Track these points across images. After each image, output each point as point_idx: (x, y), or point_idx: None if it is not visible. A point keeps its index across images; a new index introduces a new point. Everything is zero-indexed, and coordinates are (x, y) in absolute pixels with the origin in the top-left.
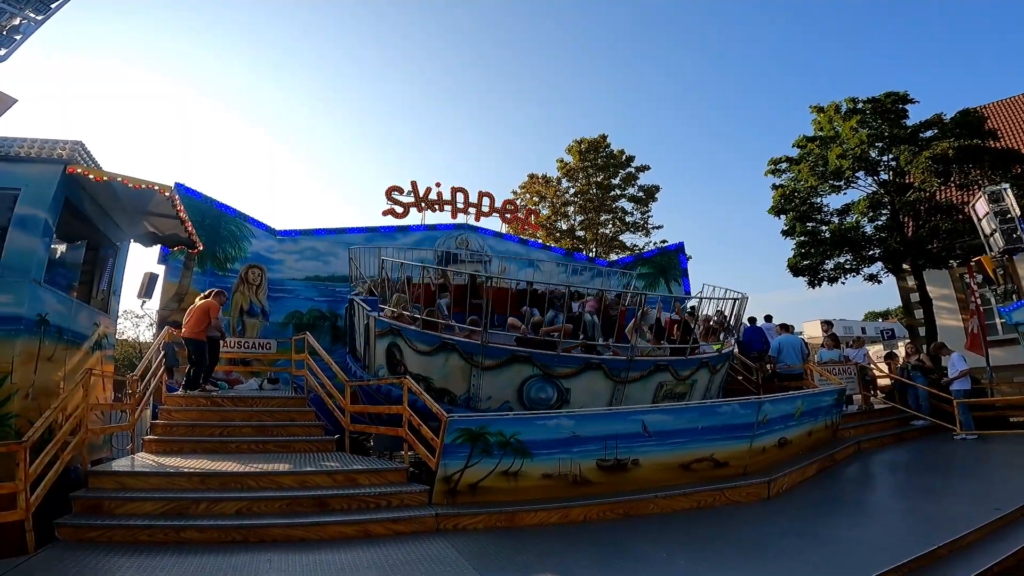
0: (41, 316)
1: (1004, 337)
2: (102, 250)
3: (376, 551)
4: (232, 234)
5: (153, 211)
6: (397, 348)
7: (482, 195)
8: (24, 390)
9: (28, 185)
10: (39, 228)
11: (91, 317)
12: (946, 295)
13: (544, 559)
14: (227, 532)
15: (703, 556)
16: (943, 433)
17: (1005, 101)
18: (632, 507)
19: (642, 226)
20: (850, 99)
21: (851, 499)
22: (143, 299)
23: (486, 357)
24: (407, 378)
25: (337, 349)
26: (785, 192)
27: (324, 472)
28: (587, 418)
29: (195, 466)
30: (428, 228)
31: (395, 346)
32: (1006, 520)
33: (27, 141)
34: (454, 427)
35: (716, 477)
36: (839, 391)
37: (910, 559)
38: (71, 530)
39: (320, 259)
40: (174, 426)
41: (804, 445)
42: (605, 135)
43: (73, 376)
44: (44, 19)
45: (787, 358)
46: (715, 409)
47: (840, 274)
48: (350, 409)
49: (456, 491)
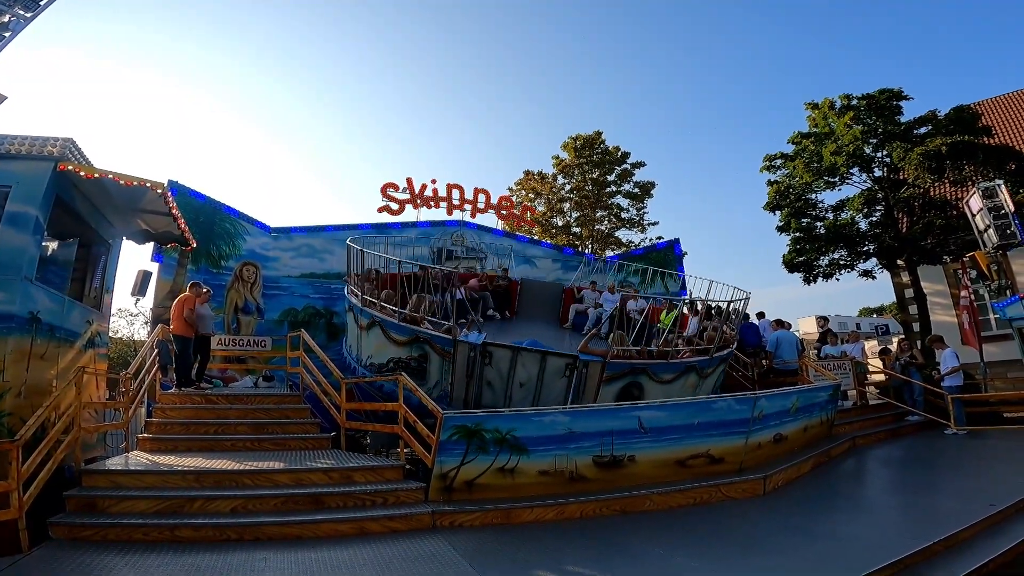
0: (33, 314)
1: (998, 333)
2: (94, 248)
3: (372, 549)
4: (226, 231)
5: (146, 208)
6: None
7: (478, 192)
8: (16, 388)
9: (19, 182)
10: (30, 225)
11: (84, 315)
12: (940, 291)
13: (541, 556)
14: (222, 530)
15: (699, 552)
16: (937, 429)
17: (999, 98)
18: (628, 504)
19: (637, 222)
20: (844, 96)
21: (846, 495)
22: (137, 297)
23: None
24: (403, 375)
25: (332, 346)
26: (780, 188)
27: (320, 470)
28: (583, 414)
29: (190, 464)
30: (425, 224)
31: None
32: (1001, 516)
33: (18, 138)
34: (450, 424)
35: (712, 473)
36: (834, 387)
37: (905, 555)
38: (65, 529)
39: (315, 256)
40: (169, 424)
41: (800, 441)
42: (600, 132)
43: (66, 374)
44: (33, 16)
45: (784, 353)
46: (711, 405)
47: (835, 270)
48: (345, 406)
49: (452, 488)
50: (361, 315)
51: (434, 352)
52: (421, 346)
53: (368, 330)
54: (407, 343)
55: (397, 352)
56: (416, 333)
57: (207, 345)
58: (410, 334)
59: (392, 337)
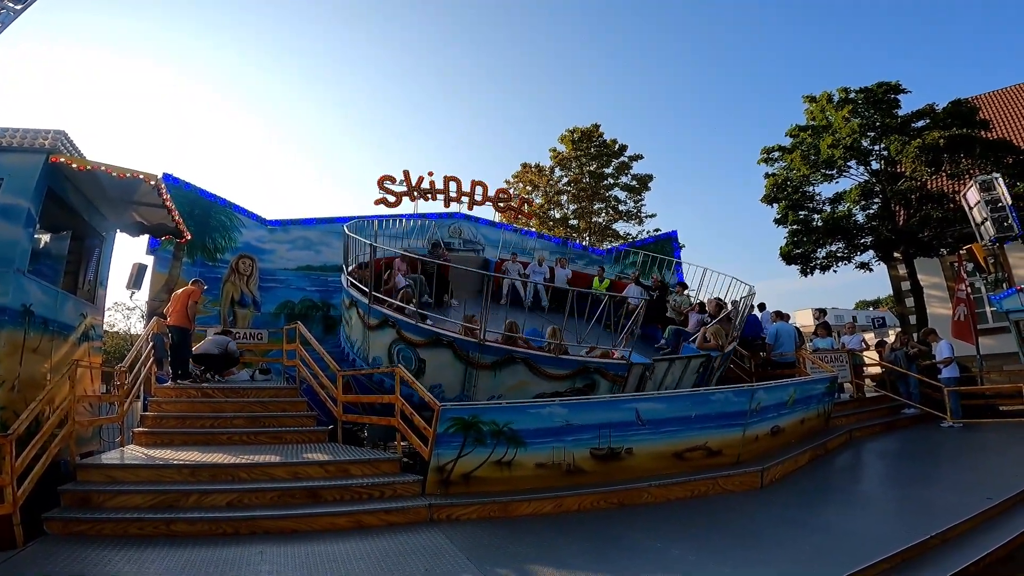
0: (26, 307)
1: (994, 325)
2: (88, 240)
3: (369, 542)
4: (222, 224)
5: (139, 200)
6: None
7: (475, 184)
8: (9, 382)
9: (10, 174)
10: (22, 217)
11: (77, 308)
12: (937, 283)
13: (538, 549)
14: (218, 524)
15: (697, 546)
16: (933, 421)
17: (997, 92)
18: (626, 496)
19: (635, 215)
20: (842, 89)
21: (843, 488)
22: (132, 290)
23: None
24: (400, 367)
25: (329, 339)
26: (777, 181)
27: (316, 463)
28: (580, 406)
29: (185, 458)
30: (421, 217)
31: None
32: (998, 510)
33: (9, 131)
34: (447, 416)
35: (709, 466)
36: (831, 379)
37: (902, 549)
38: (60, 524)
39: (312, 248)
40: (164, 418)
41: (797, 433)
42: (598, 124)
43: (60, 368)
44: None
45: (784, 346)
46: (708, 397)
47: (832, 262)
48: (342, 399)
49: (449, 481)
50: (370, 314)
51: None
52: (589, 376)
53: (376, 330)
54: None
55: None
56: (584, 364)
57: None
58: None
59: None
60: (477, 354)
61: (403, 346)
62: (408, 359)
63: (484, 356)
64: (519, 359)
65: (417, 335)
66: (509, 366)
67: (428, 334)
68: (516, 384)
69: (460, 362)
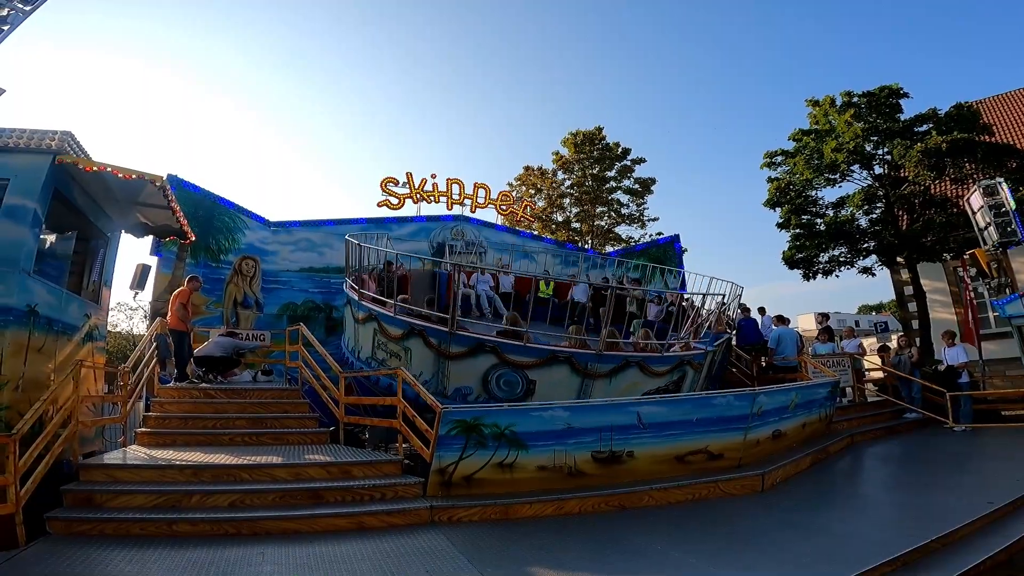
0: (31, 307)
1: (997, 330)
2: (93, 241)
3: (370, 543)
4: (226, 225)
5: (144, 202)
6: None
7: (477, 187)
8: (14, 382)
9: (17, 175)
10: (28, 218)
11: (82, 308)
12: (940, 288)
13: (539, 552)
14: (220, 525)
15: (698, 549)
16: (934, 426)
17: (1000, 96)
18: (627, 499)
19: (638, 218)
20: (845, 93)
21: (845, 492)
22: (136, 291)
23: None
24: (402, 369)
25: (332, 341)
26: (780, 185)
27: (318, 464)
28: (582, 409)
29: (188, 459)
30: (424, 219)
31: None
32: (999, 514)
33: (16, 131)
34: (448, 418)
35: (711, 469)
36: (833, 383)
37: (903, 552)
38: (62, 523)
39: (315, 250)
40: (167, 418)
41: (798, 437)
42: (601, 127)
43: (64, 368)
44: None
45: (786, 350)
46: (710, 401)
47: (835, 267)
48: (344, 401)
49: (451, 483)
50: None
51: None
52: (683, 368)
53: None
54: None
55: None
56: (680, 358)
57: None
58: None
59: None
60: (596, 365)
61: (506, 370)
62: (513, 383)
63: (601, 365)
64: (634, 363)
65: (527, 356)
66: (623, 371)
67: (543, 353)
68: (628, 386)
69: (577, 375)
